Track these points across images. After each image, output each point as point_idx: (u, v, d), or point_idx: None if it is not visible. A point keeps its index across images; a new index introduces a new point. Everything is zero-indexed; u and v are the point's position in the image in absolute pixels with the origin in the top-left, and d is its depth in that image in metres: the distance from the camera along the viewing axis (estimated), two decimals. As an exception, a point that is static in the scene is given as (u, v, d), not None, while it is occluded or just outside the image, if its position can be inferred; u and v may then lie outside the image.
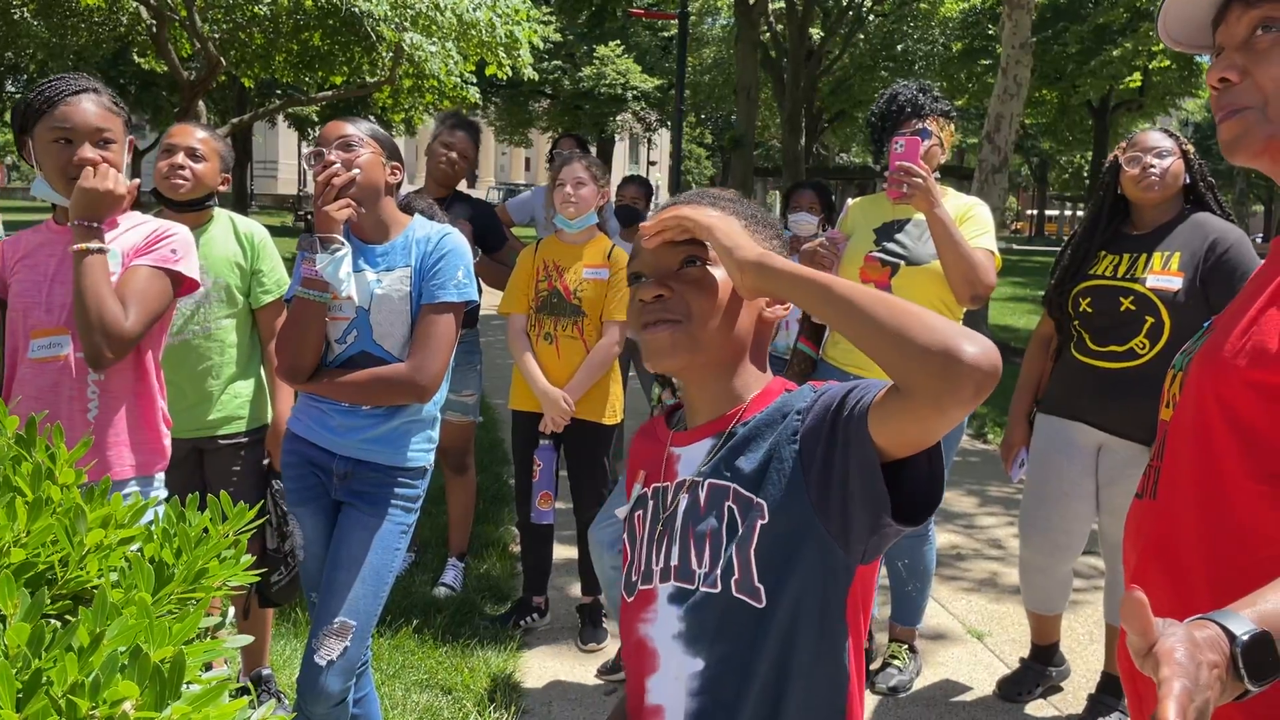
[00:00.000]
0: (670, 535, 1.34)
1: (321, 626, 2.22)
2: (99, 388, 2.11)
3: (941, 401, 1.07)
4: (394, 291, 2.28)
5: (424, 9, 11.98)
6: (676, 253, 1.31)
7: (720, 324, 1.30)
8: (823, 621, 1.25)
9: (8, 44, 17.80)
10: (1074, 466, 3.09)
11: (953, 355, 1.04)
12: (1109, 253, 3.04)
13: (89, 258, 2.00)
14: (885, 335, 1.10)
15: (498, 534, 4.74)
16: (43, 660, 0.81)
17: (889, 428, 1.14)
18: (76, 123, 2.05)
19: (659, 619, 1.32)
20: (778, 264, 1.22)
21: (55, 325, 2.09)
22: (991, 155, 9.46)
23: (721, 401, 1.34)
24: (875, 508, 1.17)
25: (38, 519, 0.97)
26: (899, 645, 3.42)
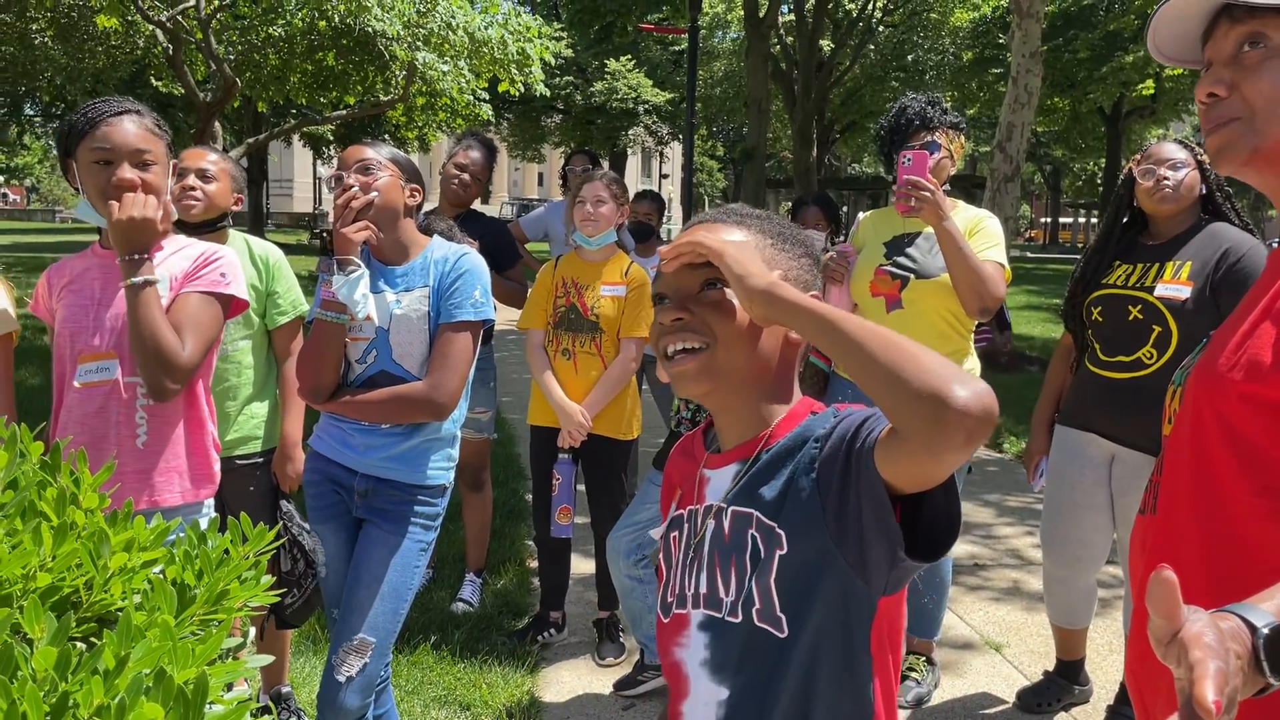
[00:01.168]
0: (699, 561, 1.33)
1: (341, 643, 2.24)
2: (147, 413, 2.10)
3: (933, 447, 1.05)
4: (413, 311, 2.31)
5: (436, 28, 12.08)
6: (697, 275, 1.30)
7: (743, 347, 1.28)
8: (845, 653, 1.23)
9: (27, 69, 18.03)
10: (1087, 478, 3.09)
11: (943, 401, 1.02)
12: (1124, 262, 3.04)
13: (143, 291, 2.00)
14: (881, 375, 1.08)
15: (514, 549, 4.75)
16: (69, 683, 0.83)
17: (891, 466, 1.12)
18: (116, 143, 2.05)
19: (691, 645, 1.33)
20: (785, 294, 1.19)
21: (103, 350, 2.08)
22: (1004, 164, 9.45)
23: (748, 426, 1.32)
24: (889, 543, 1.16)
25: (63, 544, 0.99)
26: (917, 657, 3.41)
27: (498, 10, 13.39)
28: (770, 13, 20.89)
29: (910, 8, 29.64)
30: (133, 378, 2.09)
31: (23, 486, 1.07)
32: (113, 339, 2.09)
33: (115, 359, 2.09)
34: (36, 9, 13.17)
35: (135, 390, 2.09)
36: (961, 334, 3.15)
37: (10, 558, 0.95)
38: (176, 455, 2.16)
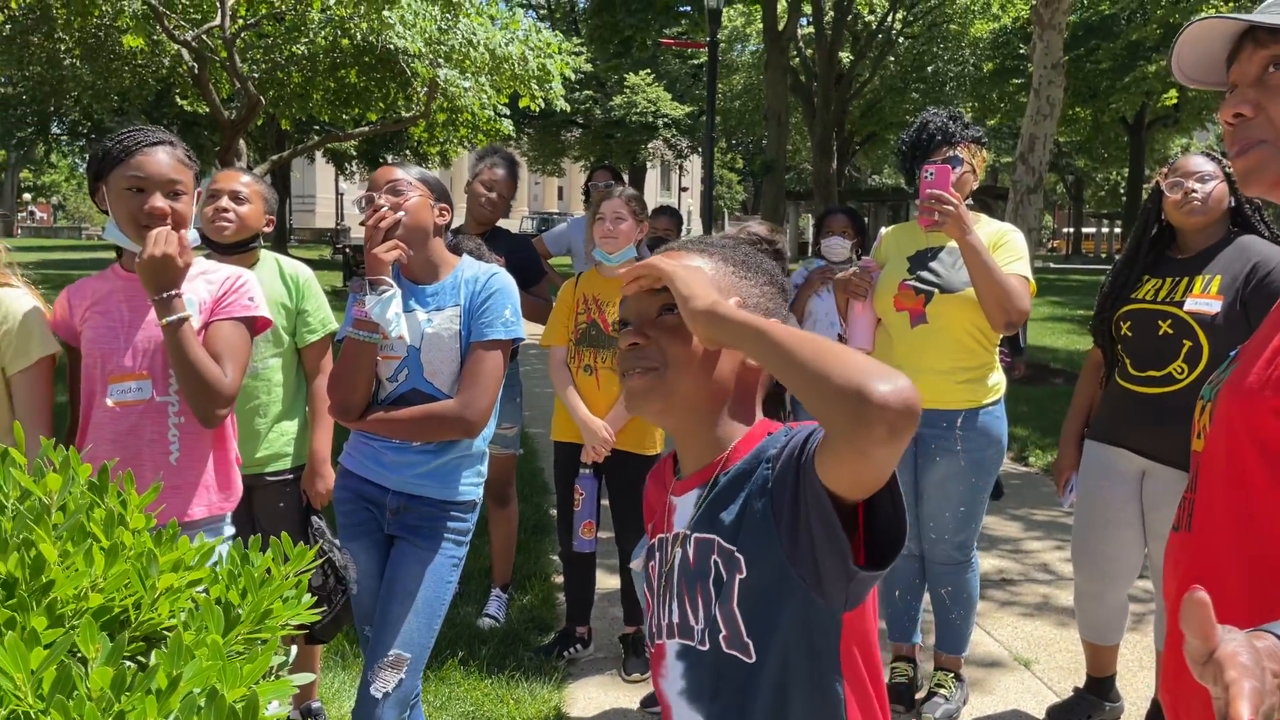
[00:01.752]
0: (670, 590, 1.34)
1: (376, 659, 2.26)
2: (179, 430, 2.16)
3: (856, 442, 1.05)
4: (444, 330, 2.34)
5: (458, 45, 12.18)
6: (656, 300, 1.32)
7: (696, 371, 1.30)
8: (814, 672, 1.24)
9: (55, 88, 18.30)
10: (1117, 493, 3.07)
11: (862, 394, 1.03)
12: (1152, 277, 3.02)
13: (180, 329, 2.06)
14: (808, 377, 1.09)
15: (539, 564, 4.76)
16: (124, 703, 0.85)
17: (829, 472, 1.13)
18: (150, 173, 2.12)
19: (669, 675, 1.34)
20: (724, 312, 1.20)
21: (135, 371, 2.14)
22: (1026, 176, 9.42)
23: (706, 450, 1.33)
24: (839, 555, 1.16)
25: (114, 564, 1.01)
26: (945, 674, 3.39)
27: (518, 27, 13.49)
28: (789, 25, 20.95)
29: (930, 19, 29.65)
30: (165, 397, 2.15)
31: (72, 509, 1.09)
32: (144, 359, 2.15)
33: (148, 379, 2.14)
34: (64, 30, 13.38)
35: (167, 409, 2.15)
36: (986, 348, 3.15)
37: (65, 579, 0.98)
38: (205, 470, 2.23)
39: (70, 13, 11.25)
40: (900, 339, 3.16)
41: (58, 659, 0.84)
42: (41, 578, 0.98)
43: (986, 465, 3.18)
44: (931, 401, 3.13)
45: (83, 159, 35.21)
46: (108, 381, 2.14)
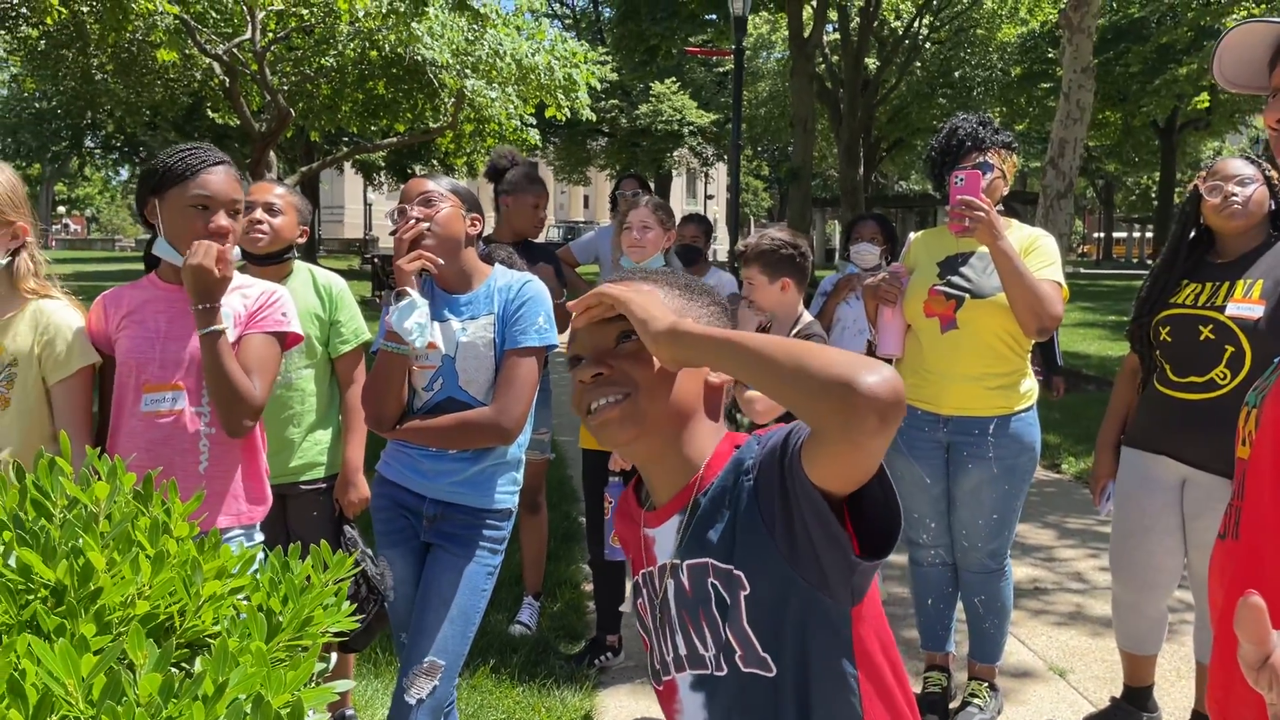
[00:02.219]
0: (669, 624, 1.33)
1: (411, 666, 2.28)
2: (210, 441, 2.20)
3: (849, 434, 1.06)
4: (478, 339, 2.36)
5: (484, 55, 12.26)
6: (611, 330, 1.32)
7: (663, 392, 1.29)
8: (832, 672, 1.23)
9: (88, 102, 18.59)
10: (1156, 501, 3.03)
11: (850, 386, 1.03)
12: (1191, 281, 2.98)
13: (218, 340, 2.11)
14: (786, 376, 1.09)
15: (569, 572, 4.76)
16: (172, 709, 0.86)
17: (819, 469, 1.13)
18: (215, 192, 2.17)
19: (686, 708, 1.33)
20: (687, 328, 1.21)
21: (169, 381, 2.18)
22: (1056, 181, 9.34)
23: (678, 474, 1.32)
24: (840, 549, 1.17)
25: (159, 572, 1.03)
26: (979, 683, 3.36)
27: (544, 37, 13.56)
28: (815, 32, 20.91)
29: (957, 24, 29.50)
30: (197, 408, 2.18)
31: (118, 518, 1.11)
32: (179, 371, 2.18)
33: (182, 390, 2.18)
34: (98, 45, 13.59)
35: (199, 419, 2.19)
36: (1019, 354, 3.13)
37: (112, 586, 0.99)
38: (234, 480, 2.26)
39: (104, 28, 11.42)
40: (931, 345, 3.15)
41: (107, 665, 0.85)
42: (90, 585, 0.99)
43: (1020, 472, 3.15)
44: (963, 408, 3.11)
45: (115, 172, 35.71)
46: (141, 391, 2.18)
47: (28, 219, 2.27)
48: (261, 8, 11.21)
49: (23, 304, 2.24)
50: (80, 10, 11.85)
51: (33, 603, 0.99)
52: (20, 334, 2.21)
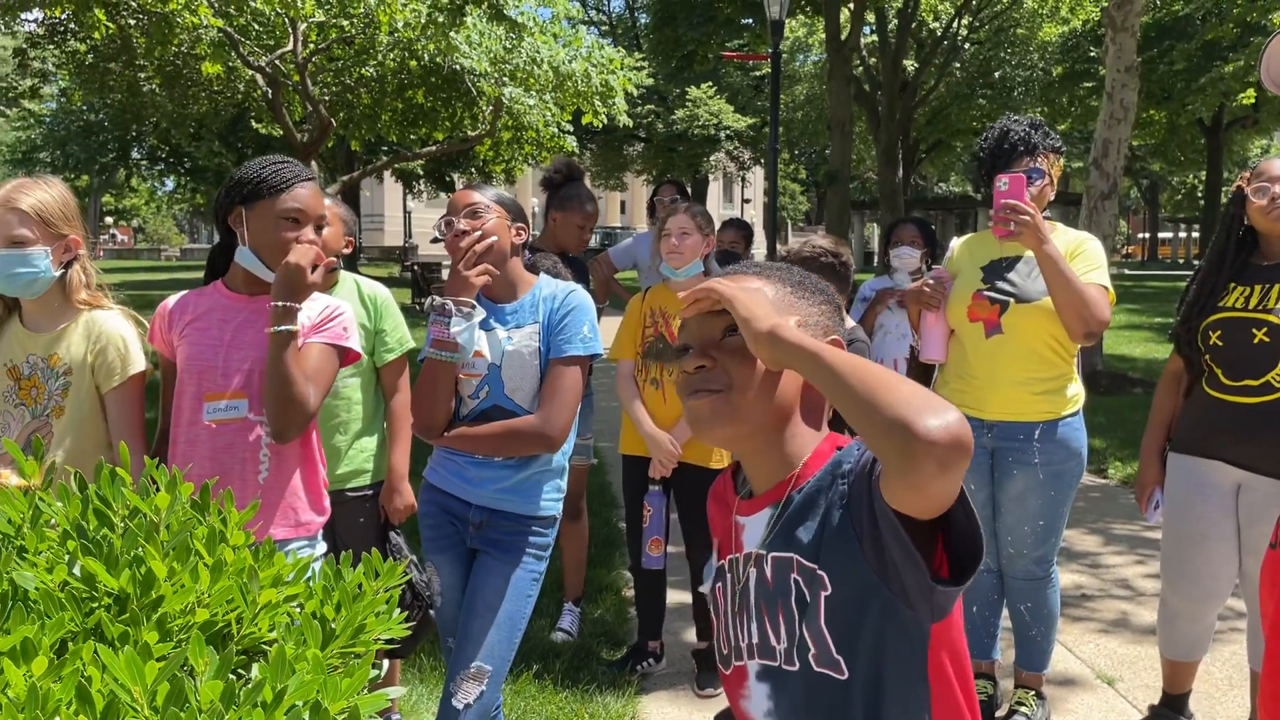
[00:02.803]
0: (746, 611, 1.34)
1: (458, 671, 2.30)
2: (271, 450, 2.21)
3: (907, 477, 1.05)
4: (524, 348, 2.38)
5: (522, 63, 12.34)
6: (718, 322, 1.33)
7: (761, 391, 1.30)
8: (905, 684, 1.23)
9: (135, 114, 18.95)
10: (1211, 507, 2.98)
11: (910, 431, 1.02)
12: (1238, 284, 2.94)
13: (289, 341, 2.11)
14: (860, 407, 1.09)
15: (610, 578, 4.78)
16: (232, 715, 0.88)
17: (891, 497, 1.13)
18: (306, 206, 2.19)
19: (752, 697, 1.34)
20: (786, 335, 1.21)
21: (232, 390, 2.18)
22: (1100, 181, 9.22)
23: (776, 469, 1.33)
24: (917, 570, 1.16)
25: (218, 580, 1.05)
26: (1025, 691, 3.32)
27: (581, 44, 13.64)
28: (852, 35, 20.82)
29: (997, 24, 29.21)
30: (260, 417, 2.19)
31: (176, 528, 1.13)
32: (242, 380, 2.18)
33: (245, 398, 2.18)
34: (144, 58, 13.85)
35: (261, 428, 2.19)
36: (1064, 358, 3.09)
37: (173, 594, 1.01)
38: (293, 489, 2.26)
39: (150, 42, 11.64)
40: (975, 350, 3.12)
41: (170, 672, 0.87)
42: (152, 593, 1.02)
43: (1066, 478, 3.12)
44: (1007, 414, 3.08)
45: (161, 183, 36.30)
46: (202, 399, 2.19)
47: (80, 232, 2.32)
48: (303, 19, 11.38)
49: (76, 315, 2.29)
50: (127, 24, 12.09)
51: (97, 611, 1.02)
52: (74, 344, 2.26)
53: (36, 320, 2.29)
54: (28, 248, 2.19)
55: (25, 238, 2.19)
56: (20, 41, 17.18)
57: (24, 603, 1.01)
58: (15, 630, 0.91)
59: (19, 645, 0.89)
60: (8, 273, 2.18)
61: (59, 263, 2.25)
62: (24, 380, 2.26)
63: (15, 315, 2.32)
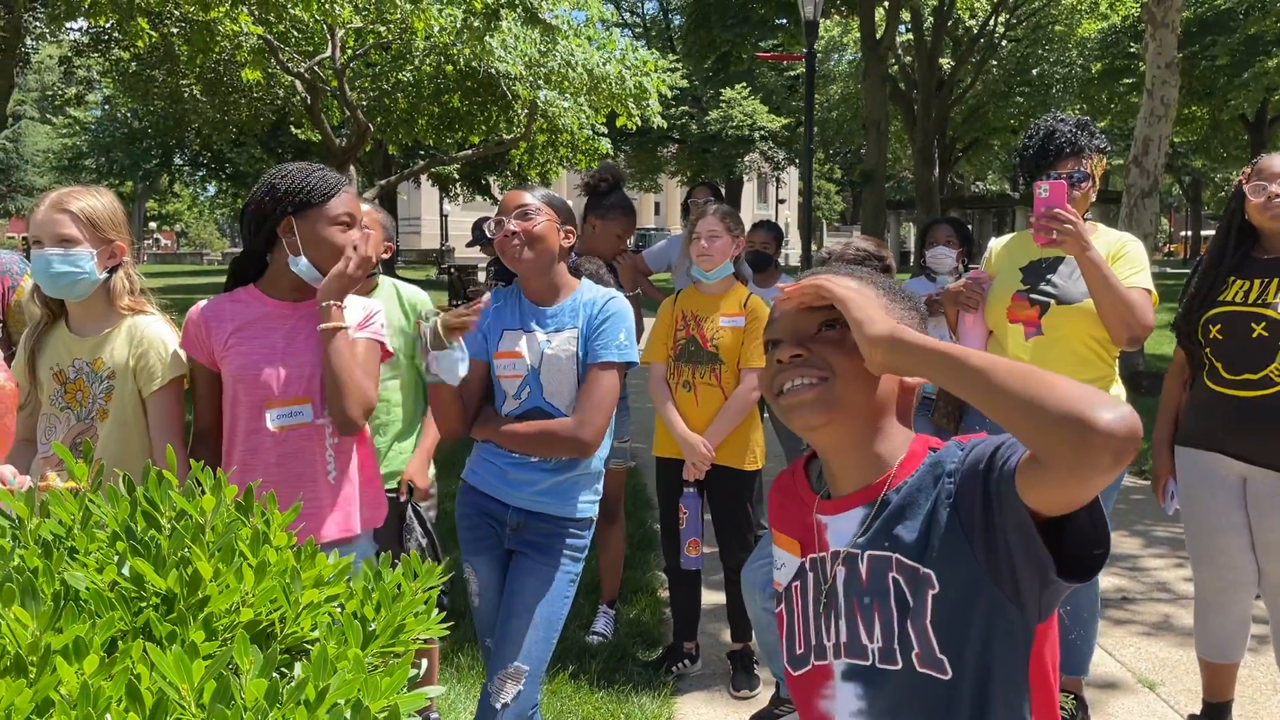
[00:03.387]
0: (835, 610, 1.33)
1: (497, 671, 2.33)
2: (335, 450, 2.26)
3: (1079, 471, 1.05)
4: (562, 351, 2.40)
5: (557, 66, 12.40)
6: (815, 317, 1.32)
7: (863, 385, 1.29)
8: (1010, 686, 1.23)
9: (177, 121, 19.28)
10: (1219, 500, 2.99)
11: (1087, 424, 1.02)
12: (1238, 278, 2.96)
13: (339, 335, 2.18)
14: (1018, 405, 1.08)
15: (645, 579, 4.79)
16: (276, 713, 0.90)
17: (1035, 493, 1.12)
18: (354, 209, 2.28)
19: (838, 697, 1.32)
20: (910, 338, 1.20)
21: (294, 396, 2.23)
22: (1140, 179, 9.10)
23: (868, 469, 1.32)
24: (1039, 567, 1.16)
25: (261, 581, 1.07)
26: (1065, 695, 3.29)
27: (615, 46, 13.67)
28: (888, 33, 20.70)
29: (1034, 21, 28.88)
30: (323, 419, 2.24)
31: (221, 530, 1.16)
32: (303, 386, 2.23)
33: (309, 403, 2.23)
34: (187, 66, 14.08)
35: (325, 430, 2.24)
36: (1106, 360, 3.05)
37: (219, 595, 1.04)
38: (358, 486, 2.32)
39: (192, 50, 11.84)
40: (1014, 352, 3.09)
41: (217, 671, 0.90)
42: (198, 593, 1.04)
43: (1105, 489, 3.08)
44: None
45: (203, 189, 36.81)
46: (265, 406, 2.22)
47: (126, 239, 2.37)
48: (341, 26, 11.51)
49: (119, 320, 2.34)
50: (169, 33, 12.30)
51: (146, 610, 1.05)
52: (117, 348, 2.31)
53: (82, 325, 2.35)
54: (74, 248, 2.24)
55: (73, 237, 2.24)
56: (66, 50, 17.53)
57: (75, 602, 1.04)
58: (68, 629, 0.94)
59: (71, 644, 0.92)
60: (53, 271, 2.22)
61: (103, 267, 2.29)
62: (70, 384, 2.32)
63: (62, 321, 2.37)
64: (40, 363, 2.36)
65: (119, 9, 10.29)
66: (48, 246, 2.23)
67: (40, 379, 2.36)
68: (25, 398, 2.41)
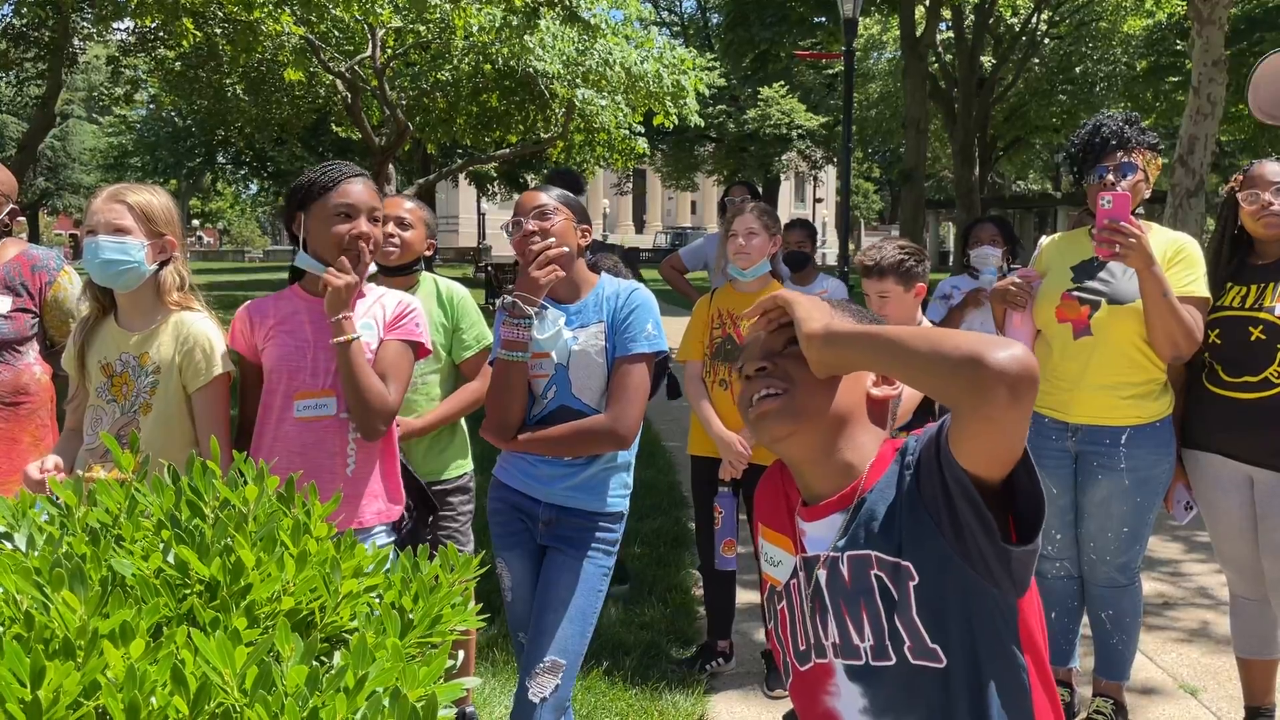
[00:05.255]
0: (822, 611, 1.36)
1: (533, 665, 2.34)
2: (356, 444, 2.32)
3: (980, 409, 1.12)
4: (589, 347, 2.41)
5: (594, 65, 12.42)
6: (781, 336, 1.39)
7: (822, 394, 1.35)
8: (1000, 661, 1.27)
9: (220, 120, 19.54)
10: (1233, 501, 3.00)
11: (978, 361, 1.09)
12: (1235, 284, 2.98)
13: (349, 348, 2.23)
14: (923, 362, 1.16)
15: (679, 577, 4.79)
16: (316, 699, 0.92)
17: (964, 451, 1.18)
18: (356, 200, 2.30)
19: (843, 695, 1.35)
20: (839, 327, 1.27)
21: (320, 389, 2.30)
22: (1186, 179, 8.96)
23: (837, 476, 1.37)
24: (988, 533, 1.21)
25: (302, 570, 1.09)
26: (1105, 700, 3.25)
27: (653, 45, 13.67)
28: (928, 31, 20.52)
29: (1078, 18, 28.49)
30: (346, 413, 2.30)
31: (263, 519, 1.18)
32: (329, 378, 2.29)
33: (333, 396, 2.29)
34: (230, 65, 14.28)
35: (347, 424, 2.30)
36: (1156, 362, 2.99)
37: (260, 583, 1.06)
38: (376, 480, 2.36)
39: (236, 49, 12.00)
40: (1062, 352, 3.05)
41: (259, 657, 0.91)
42: (241, 581, 1.06)
43: (1154, 485, 3.05)
44: (1094, 417, 3.02)
45: (245, 187, 37.33)
46: (292, 398, 2.29)
47: (178, 236, 2.41)
48: (381, 26, 11.61)
49: (167, 315, 2.38)
50: (213, 33, 12.47)
51: (190, 597, 1.07)
52: (163, 344, 2.35)
53: (130, 319, 2.39)
54: (126, 237, 2.28)
55: (127, 227, 2.29)
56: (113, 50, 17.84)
57: (122, 588, 1.07)
58: (114, 614, 0.96)
59: (118, 628, 0.94)
60: (104, 258, 2.27)
61: (154, 259, 2.33)
62: (116, 377, 2.36)
63: (111, 314, 2.42)
64: (89, 355, 2.40)
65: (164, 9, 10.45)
66: (101, 235, 2.27)
67: (89, 371, 2.40)
68: (74, 389, 2.46)
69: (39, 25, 15.55)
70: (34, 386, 3.04)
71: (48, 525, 1.22)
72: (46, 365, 3.08)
